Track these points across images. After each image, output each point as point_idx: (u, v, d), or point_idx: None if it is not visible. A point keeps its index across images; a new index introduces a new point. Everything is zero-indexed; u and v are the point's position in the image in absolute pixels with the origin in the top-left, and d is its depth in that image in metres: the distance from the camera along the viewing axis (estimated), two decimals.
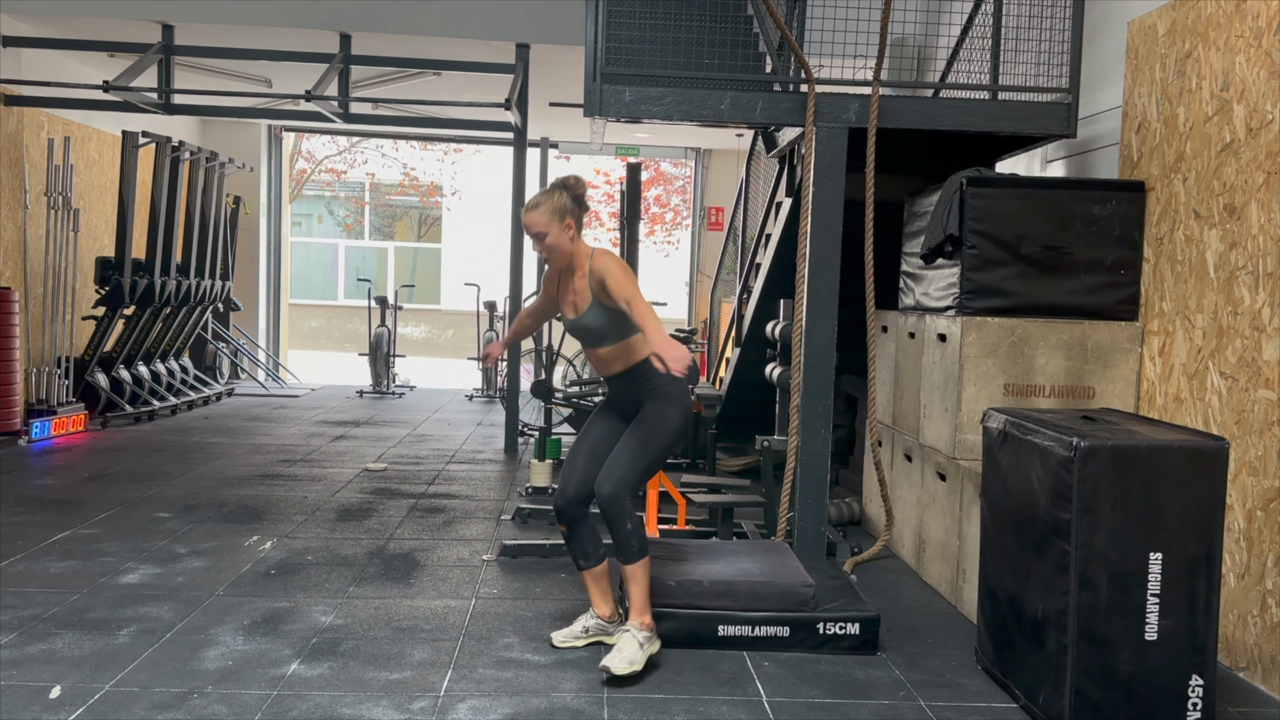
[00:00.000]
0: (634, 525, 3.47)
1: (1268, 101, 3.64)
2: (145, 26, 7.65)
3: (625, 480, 3.46)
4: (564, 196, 3.54)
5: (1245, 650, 3.61)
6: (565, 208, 3.53)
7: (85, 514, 5.36)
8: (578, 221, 3.57)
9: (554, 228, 3.51)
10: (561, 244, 3.54)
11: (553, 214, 3.51)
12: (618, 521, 3.46)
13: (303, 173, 20.78)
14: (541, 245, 3.54)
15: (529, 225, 3.54)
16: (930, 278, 4.85)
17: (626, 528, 3.46)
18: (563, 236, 3.54)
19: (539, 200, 3.54)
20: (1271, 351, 3.56)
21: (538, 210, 3.52)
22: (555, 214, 3.51)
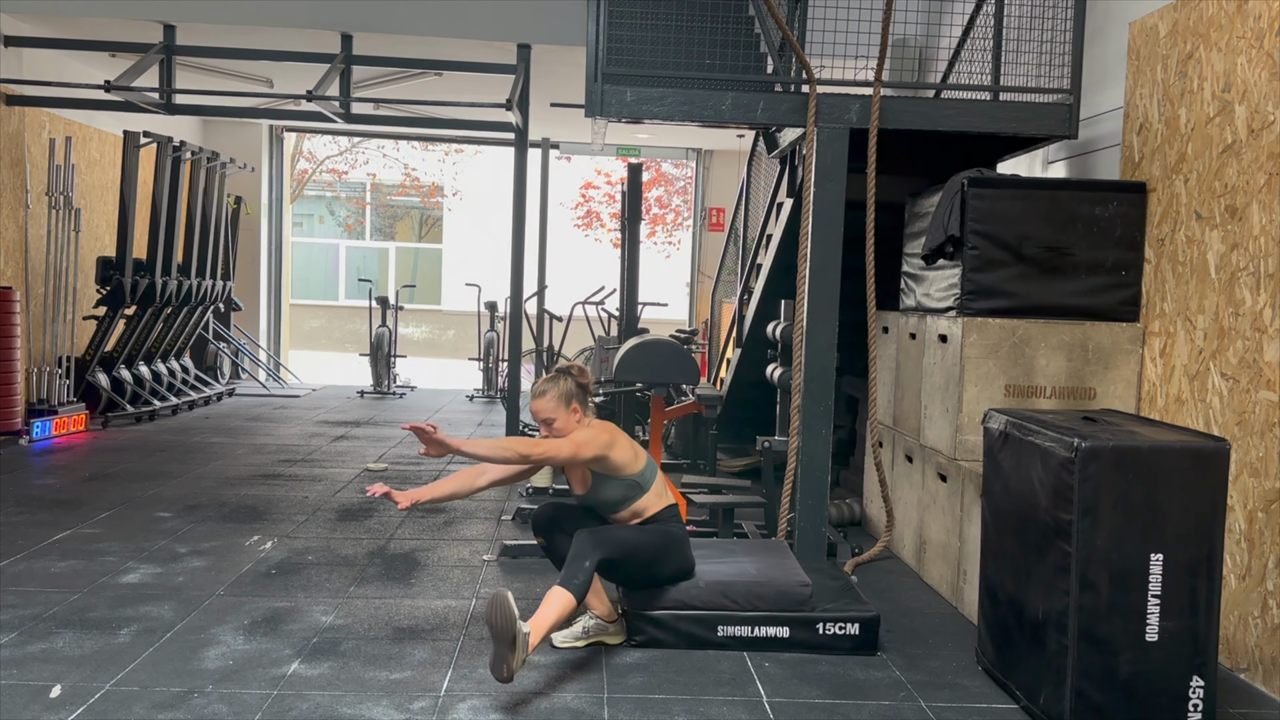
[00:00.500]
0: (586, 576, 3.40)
1: (1269, 102, 3.64)
2: (146, 26, 7.65)
3: (609, 545, 3.50)
4: (569, 382, 3.65)
5: (1246, 651, 3.61)
6: (571, 393, 3.64)
7: (86, 514, 5.36)
8: (583, 405, 3.67)
9: (561, 413, 3.61)
10: (568, 428, 3.62)
11: (559, 400, 3.62)
12: (577, 561, 3.41)
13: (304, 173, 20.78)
14: (549, 429, 3.63)
15: (537, 411, 3.63)
16: (931, 278, 4.85)
17: (585, 565, 3.41)
18: (569, 420, 3.63)
19: (545, 388, 3.64)
20: (1273, 353, 3.56)
21: (544, 398, 3.62)
22: (561, 400, 3.62)
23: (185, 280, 9.21)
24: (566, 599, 3.32)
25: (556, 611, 3.31)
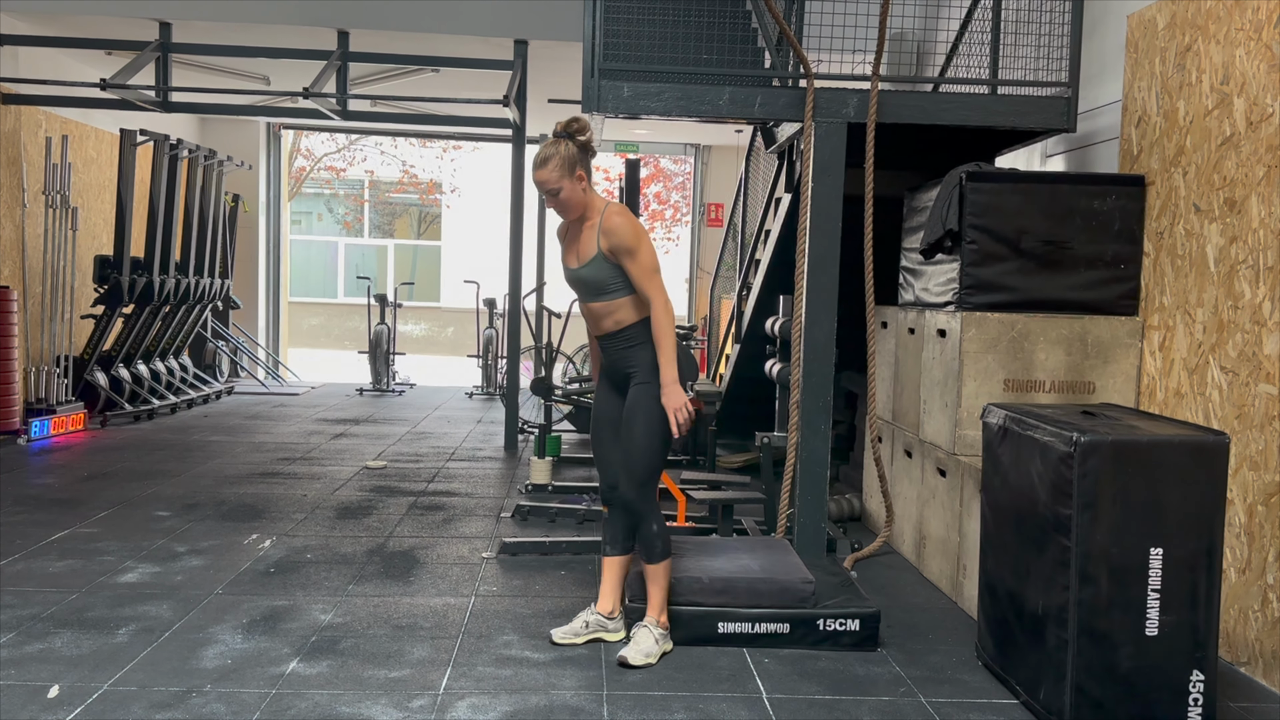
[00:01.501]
0: (659, 527, 3.56)
1: (1268, 95, 3.62)
2: (142, 24, 7.63)
3: (642, 479, 3.52)
4: (570, 146, 3.47)
5: (1246, 645, 3.60)
6: (574, 158, 3.46)
7: (84, 513, 5.35)
8: (587, 170, 3.51)
9: (566, 181, 3.46)
10: (575, 196, 3.49)
11: (563, 167, 3.45)
12: (644, 521, 3.55)
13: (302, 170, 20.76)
14: (555, 201, 3.48)
15: (541, 182, 3.47)
16: (930, 273, 4.84)
17: (653, 529, 3.54)
18: (575, 189, 3.48)
19: (547, 154, 3.45)
20: (1272, 346, 3.55)
21: (547, 166, 3.44)
22: (565, 166, 3.45)
23: (183, 278, 9.20)
24: (664, 568, 3.58)
25: (662, 586, 3.60)
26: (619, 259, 3.48)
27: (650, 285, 3.49)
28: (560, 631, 3.68)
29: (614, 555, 3.71)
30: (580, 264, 3.56)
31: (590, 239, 3.52)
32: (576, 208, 3.52)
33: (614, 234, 3.45)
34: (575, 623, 3.70)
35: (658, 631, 3.56)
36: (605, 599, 3.71)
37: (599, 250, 3.49)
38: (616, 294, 3.54)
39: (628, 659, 3.44)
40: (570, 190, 3.47)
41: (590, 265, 3.52)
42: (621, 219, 3.46)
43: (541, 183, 3.46)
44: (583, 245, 3.55)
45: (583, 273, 3.55)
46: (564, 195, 3.47)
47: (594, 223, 3.52)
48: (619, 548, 3.70)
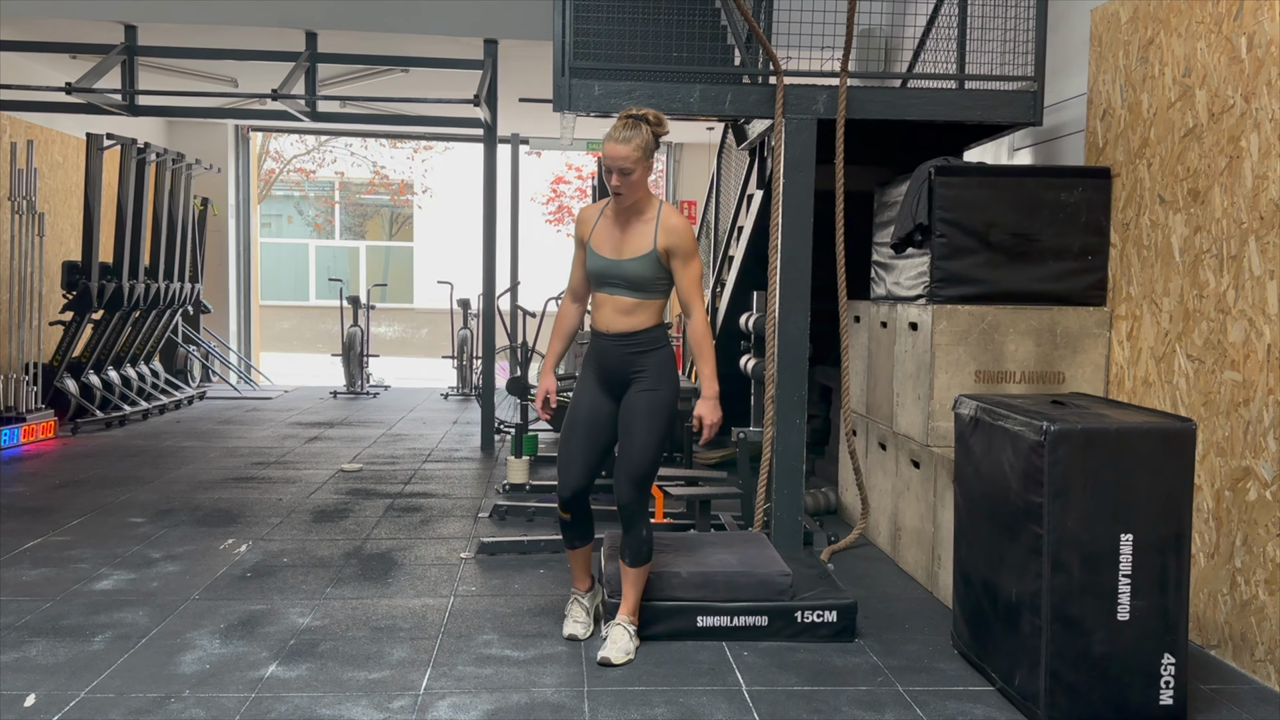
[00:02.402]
0: (648, 532, 3.58)
1: (1228, 86, 3.68)
2: (107, 27, 7.56)
3: (643, 476, 3.53)
4: (648, 132, 3.44)
5: (1216, 628, 3.67)
6: (651, 146, 3.44)
7: (57, 521, 5.30)
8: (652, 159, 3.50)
9: (641, 164, 3.42)
10: (642, 182, 3.46)
11: (644, 149, 3.41)
12: (635, 524, 3.54)
13: (271, 173, 20.61)
14: (624, 181, 3.41)
15: (617, 158, 3.38)
16: (901, 267, 4.89)
17: (642, 534, 3.55)
18: (645, 174, 3.46)
19: (629, 135, 3.39)
20: (1237, 333, 3.61)
21: (629, 145, 3.38)
22: (645, 150, 3.41)
23: (153, 283, 9.12)
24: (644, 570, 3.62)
25: (639, 588, 3.64)
26: (672, 261, 3.46)
27: (697, 294, 3.50)
28: (577, 628, 3.73)
29: (580, 547, 3.77)
30: (628, 257, 3.48)
31: (644, 233, 3.48)
32: (637, 194, 3.48)
33: (677, 234, 3.45)
34: (577, 615, 3.77)
35: (631, 629, 3.60)
36: (581, 579, 3.81)
37: (654, 247, 3.46)
38: (653, 294, 3.52)
39: (610, 658, 3.46)
40: (641, 175, 3.44)
41: (640, 260, 3.47)
42: (685, 221, 3.48)
43: (619, 158, 3.38)
44: (634, 237, 3.49)
45: (629, 266, 3.48)
46: (635, 177, 3.41)
47: (649, 217, 3.49)
48: (585, 540, 3.75)
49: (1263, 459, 3.45)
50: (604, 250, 3.54)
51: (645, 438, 3.52)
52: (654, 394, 3.55)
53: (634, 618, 3.63)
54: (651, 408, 3.54)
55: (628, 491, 3.53)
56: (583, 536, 3.72)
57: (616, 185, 3.42)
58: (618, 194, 3.45)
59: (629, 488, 3.53)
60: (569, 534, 3.71)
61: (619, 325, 3.54)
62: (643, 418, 3.53)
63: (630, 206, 3.51)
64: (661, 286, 3.53)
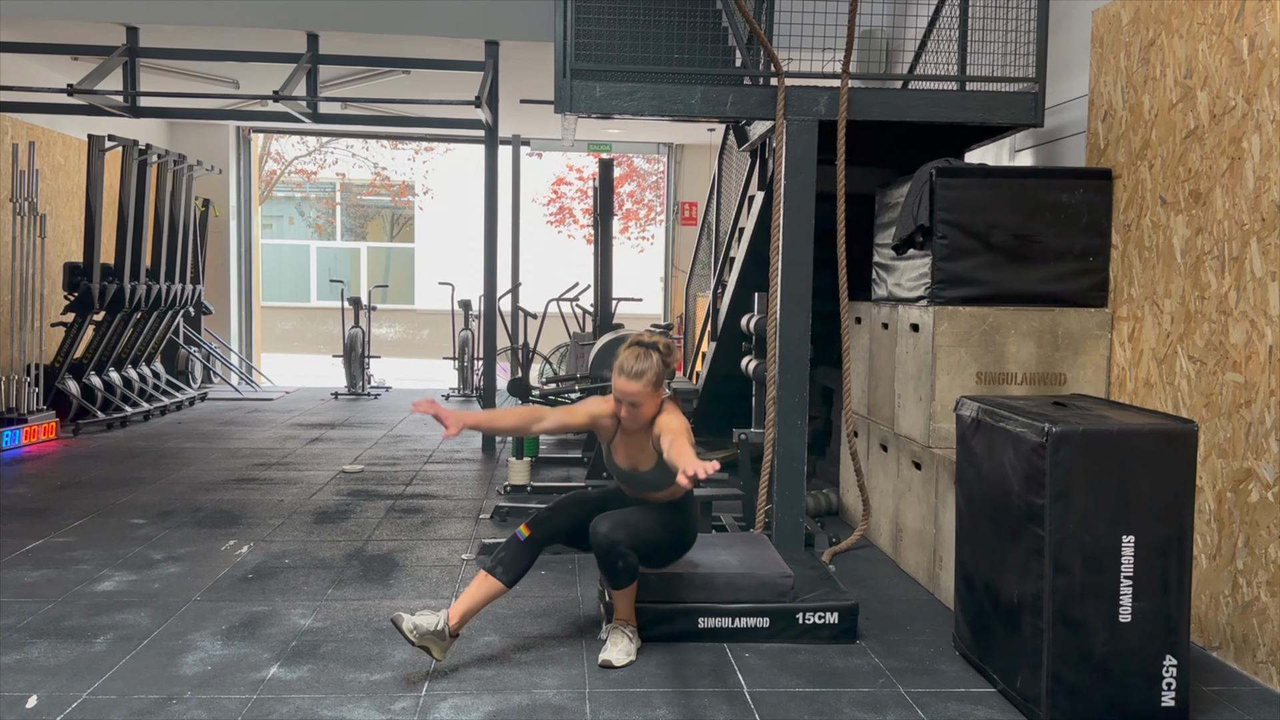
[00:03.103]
0: (625, 563, 3.47)
1: (1230, 88, 3.68)
2: (109, 29, 7.56)
3: (628, 530, 3.46)
4: (659, 363, 3.46)
5: (1218, 630, 3.66)
6: (662, 376, 3.46)
7: (59, 522, 5.30)
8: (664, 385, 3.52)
9: (650, 397, 3.45)
10: (648, 412, 3.48)
11: (653, 383, 3.44)
12: (609, 560, 3.45)
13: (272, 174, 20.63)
14: (630, 411, 3.45)
15: (627, 393, 3.42)
16: (902, 268, 4.89)
17: (618, 565, 3.47)
18: (653, 405, 3.48)
19: (642, 368, 3.42)
20: (1238, 335, 3.61)
21: (640, 381, 3.42)
22: (654, 383, 3.45)
23: (154, 285, 9.12)
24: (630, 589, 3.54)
25: (630, 600, 3.57)
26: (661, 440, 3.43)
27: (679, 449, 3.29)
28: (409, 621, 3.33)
29: (500, 580, 3.43)
30: (644, 469, 3.57)
31: (648, 445, 3.52)
32: (644, 421, 3.50)
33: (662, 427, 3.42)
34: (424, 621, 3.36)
35: (629, 630, 3.59)
36: (457, 615, 3.40)
37: (656, 453, 3.47)
38: (671, 483, 3.53)
39: (612, 660, 3.46)
40: (649, 406, 3.46)
41: (654, 471, 3.54)
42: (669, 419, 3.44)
43: (629, 394, 3.42)
44: (642, 451, 3.54)
45: (647, 477, 3.57)
46: (643, 409, 3.45)
47: (650, 430, 3.50)
48: (510, 576, 3.44)
49: (1264, 460, 3.45)
50: (620, 462, 3.62)
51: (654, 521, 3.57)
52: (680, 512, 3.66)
53: (631, 620, 3.62)
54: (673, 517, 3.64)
55: (615, 531, 3.41)
56: (510, 567, 3.44)
57: (626, 416, 3.47)
58: (628, 421, 3.49)
59: (617, 528, 3.43)
60: (509, 553, 3.45)
61: (647, 498, 3.68)
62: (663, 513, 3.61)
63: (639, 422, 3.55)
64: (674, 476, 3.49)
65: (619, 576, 3.50)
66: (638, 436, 3.56)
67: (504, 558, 3.47)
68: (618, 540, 3.42)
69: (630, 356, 3.46)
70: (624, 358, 3.46)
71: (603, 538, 3.43)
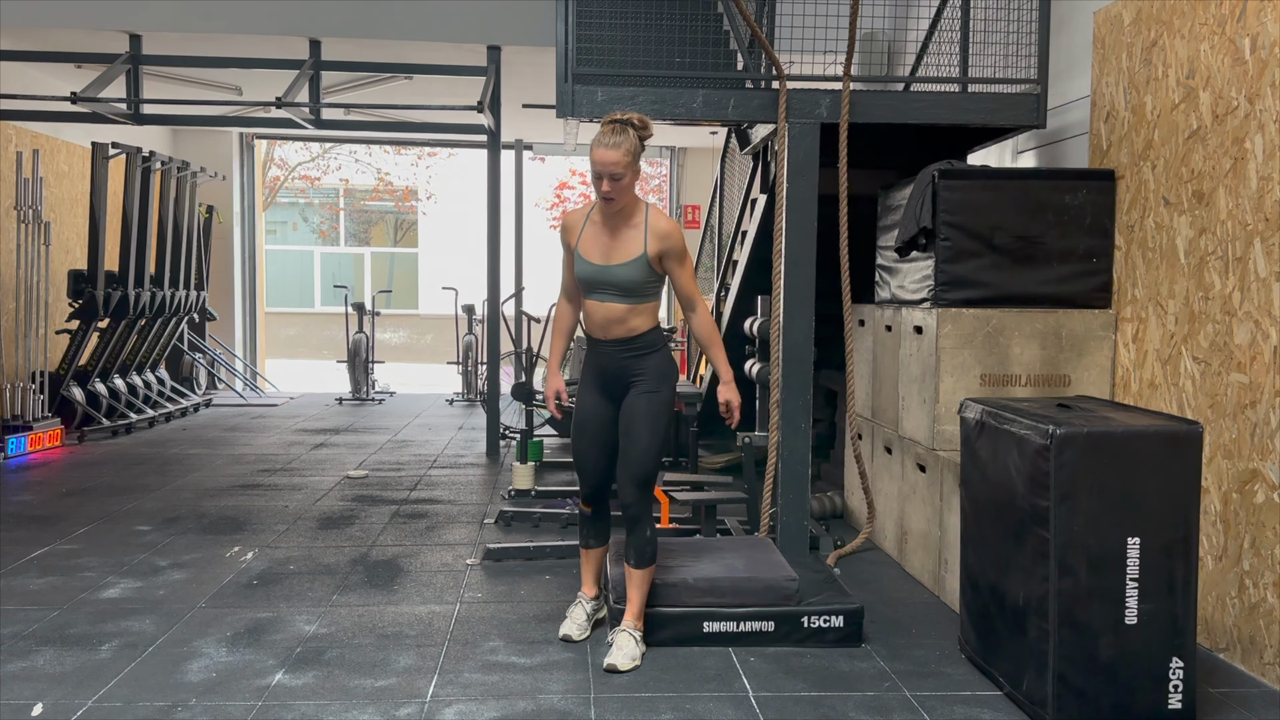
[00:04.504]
0: (652, 532, 3.63)
1: (1232, 88, 3.68)
2: (112, 36, 7.58)
3: (645, 477, 3.58)
4: (635, 136, 3.44)
5: (1224, 631, 3.65)
6: (639, 149, 3.44)
7: (64, 529, 5.31)
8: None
9: (631, 169, 3.42)
10: (630, 187, 3.45)
11: (632, 155, 3.40)
12: (639, 526, 3.59)
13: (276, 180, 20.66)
14: (614, 186, 3.40)
15: (606, 163, 3.37)
16: (905, 270, 4.88)
17: (646, 534, 3.60)
18: (634, 180, 3.46)
19: (617, 140, 3.38)
20: (1243, 335, 3.60)
21: (619, 150, 3.37)
22: (633, 155, 3.41)
23: (158, 291, 9.14)
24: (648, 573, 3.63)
25: (644, 591, 3.64)
26: (667, 263, 3.50)
27: (695, 290, 3.59)
28: (573, 628, 3.76)
29: (595, 548, 3.85)
30: (617, 262, 3.48)
31: (634, 239, 3.47)
32: (626, 199, 3.47)
33: (669, 238, 3.47)
34: (577, 616, 3.80)
35: (637, 634, 3.59)
36: (590, 585, 3.86)
37: (644, 251, 3.45)
38: (644, 299, 3.53)
39: (617, 665, 3.46)
40: (630, 179, 3.43)
41: (630, 265, 3.46)
42: (674, 225, 3.50)
43: (609, 163, 3.37)
44: (623, 243, 3.48)
45: (619, 271, 3.47)
46: (625, 181, 3.40)
47: (636, 222, 3.49)
48: (600, 541, 3.85)
49: (1270, 461, 3.44)
50: (592, 257, 3.53)
51: (646, 439, 3.56)
52: (653, 395, 3.59)
53: (639, 623, 3.62)
54: (651, 409, 3.58)
55: (631, 492, 3.58)
56: (598, 535, 3.82)
57: (608, 191, 3.41)
58: (609, 199, 3.44)
59: (632, 489, 3.58)
60: (587, 529, 3.81)
61: (614, 332, 3.57)
62: (643, 419, 3.57)
63: (618, 212, 3.50)
64: (653, 290, 3.55)
65: (644, 551, 3.60)
66: (617, 224, 3.49)
67: (588, 533, 3.82)
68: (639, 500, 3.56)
69: (606, 130, 3.43)
70: (600, 133, 3.44)
71: (633, 502, 3.57)
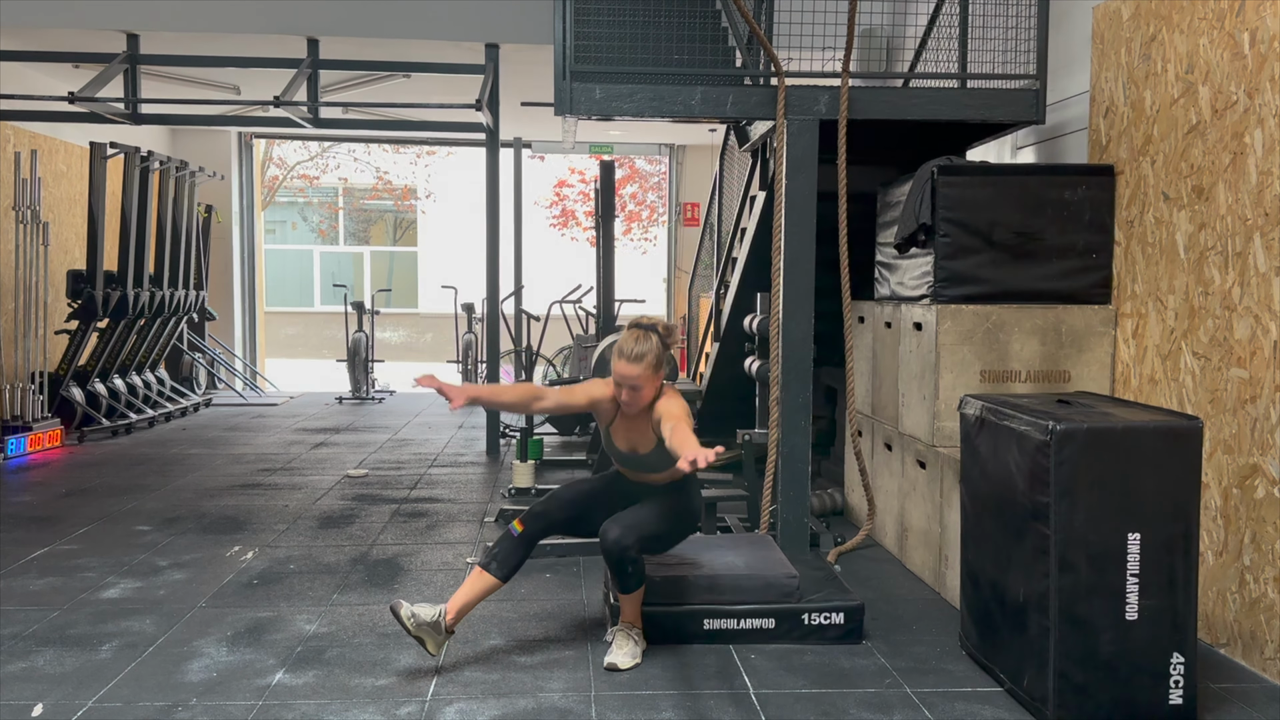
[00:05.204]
0: (635, 569, 3.48)
1: (1231, 82, 3.67)
2: (110, 36, 7.57)
3: (637, 533, 3.44)
4: (659, 345, 3.43)
5: (1225, 627, 3.65)
6: (662, 359, 3.42)
7: (64, 529, 5.31)
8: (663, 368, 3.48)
9: (650, 380, 3.42)
10: (648, 396, 3.45)
11: (654, 365, 3.41)
12: (620, 566, 3.44)
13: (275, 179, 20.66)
14: (631, 396, 3.42)
15: (627, 377, 3.39)
16: (905, 267, 4.88)
17: (628, 570, 3.46)
18: (653, 388, 3.45)
19: (642, 350, 3.39)
20: (1242, 330, 3.59)
21: (640, 364, 3.39)
22: (655, 365, 3.41)
23: (157, 291, 9.13)
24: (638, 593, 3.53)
25: (636, 604, 3.55)
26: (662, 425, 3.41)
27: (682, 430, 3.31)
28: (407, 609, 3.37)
29: (494, 575, 3.47)
30: (640, 452, 3.56)
31: (648, 429, 3.50)
32: (643, 405, 3.47)
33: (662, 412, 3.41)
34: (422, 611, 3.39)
35: (635, 633, 3.58)
36: (454, 610, 3.44)
37: (656, 436, 3.45)
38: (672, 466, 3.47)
39: (617, 663, 3.45)
40: (649, 389, 3.43)
41: (654, 453, 3.52)
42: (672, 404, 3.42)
43: (629, 376, 3.39)
44: (642, 435, 3.52)
45: (647, 459, 3.56)
46: (643, 392, 3.42)
47: (650, 413, 3.47)
48: (503, 570, 3.48)
49: (1270, 456, 3.44)
50: (620, 444, 3.61)
51: (659, 514, 3.54)
52: (683, 498, 3.64)
53: (637, 623, 3.61)
54: (675, 501, 3.61)
55: (625, 535, 3.39)
56: (504, 562, 3.47)
57: (627, 400, 3.44)
58: (627, 405, 3.46)
59: (627, 532, 3.41)
60: (502, 549, 3.48)
61: (648, 480, 3.66)
62: (664, 502, 3.59)
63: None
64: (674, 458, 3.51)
65: (628, 581, 3.49)
66: (637, 420, 3.54)
67: (498, 553, 3.51)
68: (628, 546, 3.41)
69: (630, 339, 3.43)
70: (623, 340, 3.44)
71: (613, 544, 3.41)
